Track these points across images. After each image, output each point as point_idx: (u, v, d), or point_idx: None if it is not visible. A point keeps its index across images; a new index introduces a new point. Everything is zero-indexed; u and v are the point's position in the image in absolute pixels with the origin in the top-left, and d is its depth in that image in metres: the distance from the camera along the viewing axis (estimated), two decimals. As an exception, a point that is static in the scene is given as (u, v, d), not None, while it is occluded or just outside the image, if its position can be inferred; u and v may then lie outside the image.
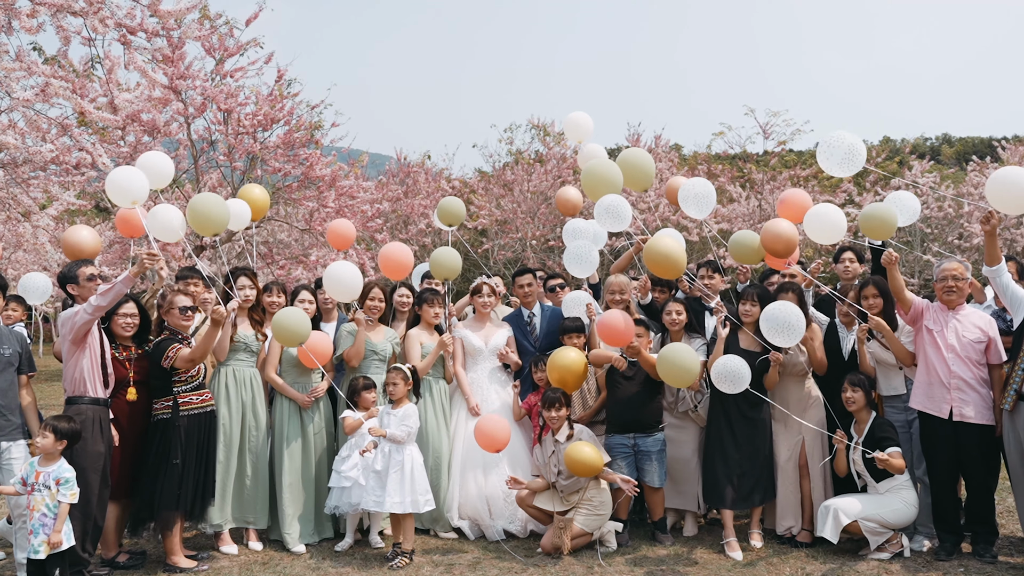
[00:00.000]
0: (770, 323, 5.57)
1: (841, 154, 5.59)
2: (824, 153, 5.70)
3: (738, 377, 5.58)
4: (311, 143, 15.00)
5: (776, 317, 5.54)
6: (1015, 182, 5.25)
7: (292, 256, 16.46)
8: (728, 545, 5.93)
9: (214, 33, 13.07)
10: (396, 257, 6.79)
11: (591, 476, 5.93)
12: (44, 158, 8.80)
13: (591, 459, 5.77)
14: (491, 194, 22.66)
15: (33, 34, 8.20)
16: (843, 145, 5.59)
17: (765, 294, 6.11)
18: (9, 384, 5.57)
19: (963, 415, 5.60)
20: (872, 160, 25.56)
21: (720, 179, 23.98)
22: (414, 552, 5.83)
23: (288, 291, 6.82)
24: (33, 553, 4.75)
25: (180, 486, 5.56)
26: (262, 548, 6.13)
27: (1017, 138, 32.89)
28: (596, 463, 5.80)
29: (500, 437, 5.84)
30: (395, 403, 6.04)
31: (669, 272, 6.04)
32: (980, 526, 5.76)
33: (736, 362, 5.61)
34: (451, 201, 7.53)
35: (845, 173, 5.67)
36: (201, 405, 5.76)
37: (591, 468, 5.80)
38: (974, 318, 5.76)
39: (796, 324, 5.52)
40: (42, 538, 4.77)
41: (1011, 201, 5.33)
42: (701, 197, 6.41)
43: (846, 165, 5.61)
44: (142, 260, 5.39)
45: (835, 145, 5.62)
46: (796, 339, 5.61)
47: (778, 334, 5.57)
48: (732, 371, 5.58)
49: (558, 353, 6.20)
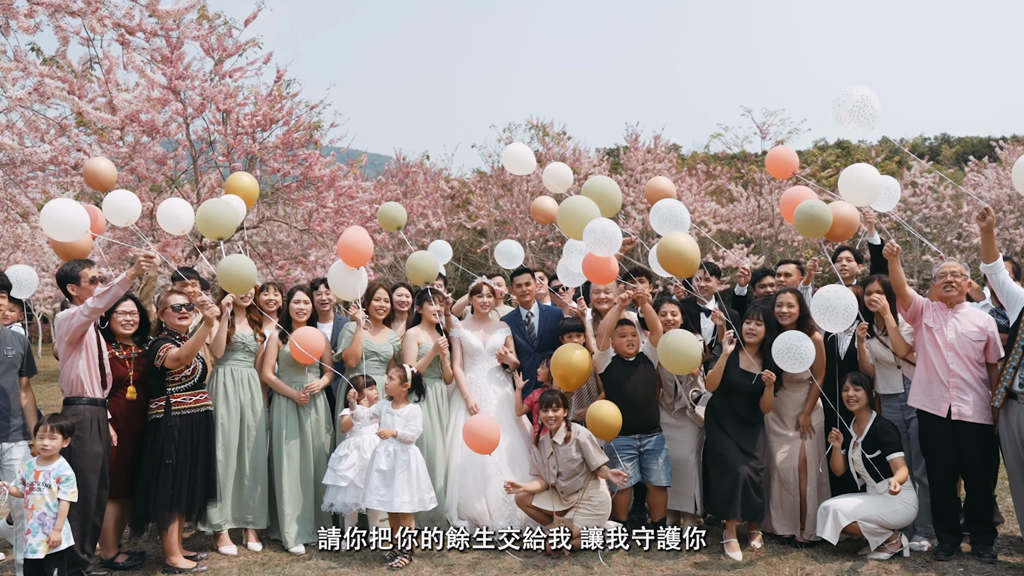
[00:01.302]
0: (783, 351, 5.59)
1: (851, 105, 5.44)
2: (836, 104, 5.53)
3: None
4: (310, 143, 14.98)
5: (790, 346, 5.56)
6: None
7: (291, 256, 16.43)
8: (728, 545, 5.92)
9: (213, 33, 13.05)
10: (355, 244, 6.35)
11: (608, 440, 6.00)
12: (42, 159, 8.78)
13: (612, 418, 5.84)
14: (490, 194, 22.64)
15: (31, 34, 8.18)
16: (853, 97, 5.44)
17: (770, 315, 6.06)
18: (11, 385, 5.63)
19: (961, 414, 5.59)
20: (871, 160, 25.56)
21: (719, 179, 23.97)
22: (413, 552, 5.82)
23: (285, 291, 6.81)
24: (31, 552, 4.74)
25: (174, 486, 5.56)
26: (261, 548, 6.13)
27: (1016, 138, 32.93)
28: (615, 423, 5.87)
29: (490, 439, 5.83)
30: (395, 401, 6.04)
31: (682, 271, 5.97)
32: (979, 525, 5.76)
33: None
34: (389, 207, 7.39)
35: (861, 127, 5.49)
36: (195, 406, 5.75)
37: (610, 428, 5.86)
38: (973, 316, 5.76)
39: (807, 355, 5.55)
40: (40, 537, 4.76)
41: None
42: (670, 219, 6.15)
43: (858, 116, 5.44)
44: (139, 262, 5.39)
45: (845, 98, 5.48)
46: (806, 367, 5.62)
47: (789, 360, 5.58)
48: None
49: (562, 350, 6.19)
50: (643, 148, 23.05)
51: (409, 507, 5.77)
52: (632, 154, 22.84)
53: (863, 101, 5.41)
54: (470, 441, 5.88)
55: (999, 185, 22.55)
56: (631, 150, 22.98)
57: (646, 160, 22.61)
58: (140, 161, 10.79)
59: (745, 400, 6.01)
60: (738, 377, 5.99)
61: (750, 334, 6.03)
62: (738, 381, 5.98)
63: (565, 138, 23.86)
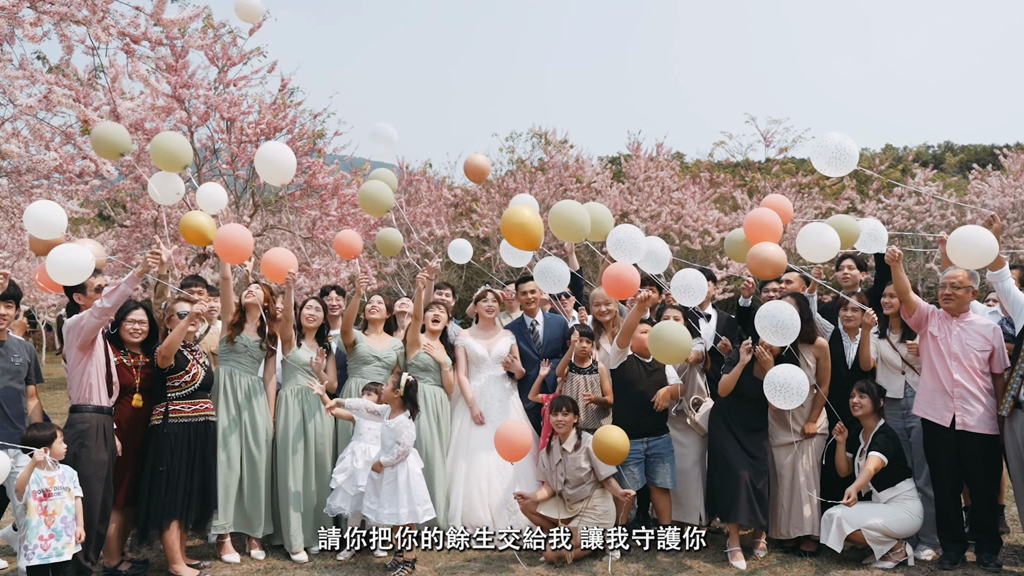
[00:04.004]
0: (766, 321, 5.41)
1: (829, 153, 5.57)
2: (815, 153, 5.66)
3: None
4: (314, 151, 15.03)
5: (772, 316, 5.40)
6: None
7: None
8: (732, 554, 5.91)
9: (217, 42, 13.12)
10: (234, 240, 5.90)
11: (616, 463, 5.87)
12: (48, 167, 8.81)
13: (619, 444, 5.66)
14: (493, 202, 22.66)
15: (37, 42, 8.21)
16: (831, 145, 5.57)
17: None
18: (19, 394, 5.62)
19: (965, 424, 5.58)
20: (875, 168, 25.56)
21: (723, 187, 23.99)
22: (416, 561, 5.81)
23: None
24: (56, 556, 4.81)
25: (166, 494, 5.55)
26: (264, 557, 6.12)
27: (1020, 145, 32.91)
28: (623, 448, 5.69)
29: (521, 445, 5.78)
30: (391, 410, 5.96)
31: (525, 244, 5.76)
32: (984, 535, 5.74)
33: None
34: (388, 233, 7.26)
35: (836, 172, 5.60)
36: (194, 414, 5.75)
37: (618, 453, 5.70)
38: (979, 327, 5.73)
39: (792, 325, 5.36)
40: (66, 540, 4.84)
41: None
42: (625, 244, 5.87)
43: (836, 164, 5.57)
44: (146, 259, 5.39)
45: (824, 145, 5.62)
46: (790, 339, 5.42)
47: (773, 334, 5.46)
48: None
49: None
50: (645, 156, 23.08)
51: (394, 520, 5.68)
52: (634, 162, 22.86)
53: (839, 148, 5.52)
54: (502, 448, 5.79)
55: (1003, 193, 22.52)
56: (633, 158, 23.00)
57: (648, 168, 22.64)
58: (144, 169, 10.83)
59: (754, 407, 5.99)
60: (750, 384, 5.96)
61: (768, 349, 5.86)
62: (750, 388, 5.95)
63: (567, 146, 23.90)
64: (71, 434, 5.17)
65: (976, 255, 5.33)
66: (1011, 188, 22.40)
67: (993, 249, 5.25)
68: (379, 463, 5.74)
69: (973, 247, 5.30)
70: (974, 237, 5.30)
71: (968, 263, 5.49)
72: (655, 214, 21.57)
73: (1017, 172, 23.17)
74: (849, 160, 5.54)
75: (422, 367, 6.56)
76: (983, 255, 5.30)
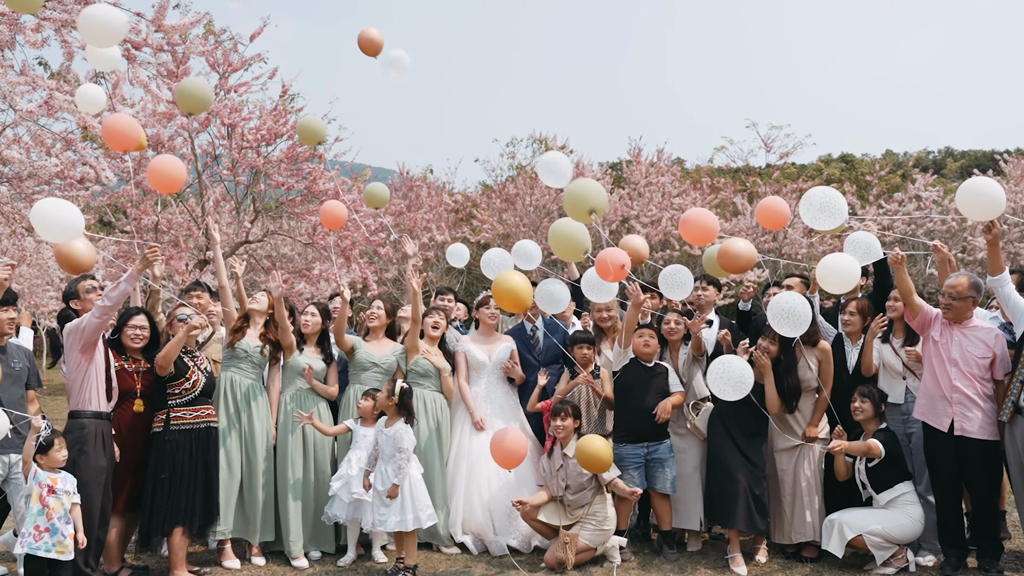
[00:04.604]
0: (777, 309, 5.39)
1: (818, 205, 5.57)
2: (803, 206, 5.64)
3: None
4: (314, 157, 15.04)
5: (784, 303, 5.38)
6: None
7: (295, 270, 16.47)
8: (733, 560, 5.90)
9: (218, 48, 13.13)
10: (120, 128, 5.57)
11: (600, 472, 5.84)
12: (49, 172, 8.82)
13: (602, 453, 5.65)
14: (493, 208, 22.66)
15: (38, 48, 8.23)
16: (817, 197, 5.55)
17: (785, 339, 5.95)
18: (19, 398, 5.64)
19: (964, 430, 5.56)
20: (875, 174, 25.56)
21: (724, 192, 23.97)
22: (417, 567, 5.80)
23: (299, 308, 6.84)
24: (46, 551, 4.78)
25: (168, 501, 5.54)
26: (264, 563, 6.11)
27: (1020, 151, 32.91)
28: (606, 458, 5.69)
29: (517, 452, 5.77)
30: (388, 419, 5.91)
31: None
32: (985, 540, 5.72)
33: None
34: (310, 120, 7.26)
35: (827, 225, 5.55)
36: (195, 421, 5.74)
37: (601, 463, 5.69)
38: (980, 333, 5.71)
39: (803, 314, 5.32)
40: (58, 538, 4.82)
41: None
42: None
43: (825, 212, 5.52)
44: (145, 255, 5.41)
45: (812, 197, 5.60)
46: (801, 331, 5.41)
47: (783, 323, 5.43)
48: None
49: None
50: (646, 162, 23.08)
51: (400, 526, 5.66)
52: (635, 168, 22.87)
53: (824, 198, 5.53)
54: (498, 456, 5.73)
55: (1003, 198, 22.48)
56: (634, 163, 23.00)
57: (649, 173, 22.63)
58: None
59: (753, 411, 5.99)
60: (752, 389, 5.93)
61: (765, 352, 5.96)
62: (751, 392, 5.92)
63: (567, 152, 23.90)
64: (70, 440, 5.16)
65: (987, 205, 5.31)
66: (1012, 194, 22.39)
67: (1001, 200, 5.25)
68: (395, 487, 5.65)
69: (982, 197, 5.30)
70: (983, 188, 5.30)
71: (979, 214, 5.45)
72: (656, 219, 21.56)
73: (1018, 178, 23.16)
74: (837, 207, 5.49)
75: (422, 373, 6.55)
76: (993, 205, 5.28)
